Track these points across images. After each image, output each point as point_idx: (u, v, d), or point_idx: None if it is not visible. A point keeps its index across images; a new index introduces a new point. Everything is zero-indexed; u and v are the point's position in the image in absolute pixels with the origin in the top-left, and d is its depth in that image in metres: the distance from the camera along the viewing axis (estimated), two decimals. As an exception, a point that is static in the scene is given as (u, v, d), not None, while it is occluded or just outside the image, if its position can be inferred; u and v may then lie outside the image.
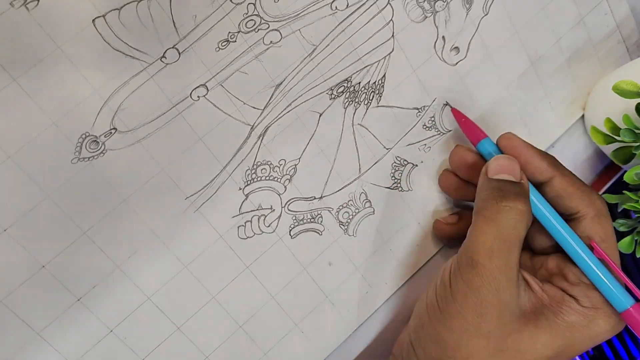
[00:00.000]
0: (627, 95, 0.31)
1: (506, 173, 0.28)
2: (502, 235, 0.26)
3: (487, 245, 0.26)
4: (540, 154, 0.29)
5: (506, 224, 0.26)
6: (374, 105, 0.32)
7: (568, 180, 0.29)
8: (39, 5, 0.24)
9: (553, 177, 0.29)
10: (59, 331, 0.27)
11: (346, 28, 0.31)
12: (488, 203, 0.27)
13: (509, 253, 0.26)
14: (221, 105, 0.29)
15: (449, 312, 0.27)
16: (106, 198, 0.27)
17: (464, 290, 0.26)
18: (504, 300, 0.26)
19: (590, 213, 0.28)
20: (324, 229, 0.32)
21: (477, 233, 0.27)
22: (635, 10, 0.39)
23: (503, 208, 0.27)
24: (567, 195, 0.28)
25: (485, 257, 0.26)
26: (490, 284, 0.26)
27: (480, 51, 0.34)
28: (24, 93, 0.25)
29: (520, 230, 0.27)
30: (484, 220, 0.27)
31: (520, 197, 0.27)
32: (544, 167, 0.29)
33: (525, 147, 0.29)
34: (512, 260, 0.26)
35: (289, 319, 0.32)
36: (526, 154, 0.29)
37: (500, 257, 0.26)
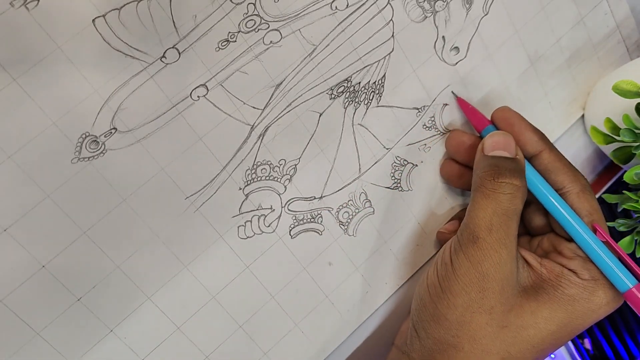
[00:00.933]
0: (627, 95, 0.31)
1: (501, 149, 0.29)
2: (500, 210, 0.27)
3: (487, 220, 0.27)
4: (531, 128, 0.30)
5: (503, 198, 0.27)
6: (374, 105, 0.32)
7: (555, 155, 0.30)
8: (39, 5, 0.24)
9: (542, 151, 0.30)
10: (59, 331, 0.27)
11: (346, 28, 0.31)
12: (485, 180, 0.28)
13: (507, 226, 0.27)
14: (221, 105, 0.29)
15: (451, 290, 0.27)
16: (106, 198, 0.27)
17: (466, 265, 0.27)
18: (505, 273, 0.27)
19: (576, 188, 0.29)
20: (324, 229, 0.32)
21: (476, 209, 0.28)
22: (635, 10, 0.39)
23: (500, 184, 0.27)
24: (555, 169, 0.29)
25: (486, 231, 0.27)
26: (492, 257, 0.26)
27: (480, 51, 0.34)
28: (24, 93, 0.25)
29: (518, 204, 0.28)
30: (482, 196, 0.28)
31: (515, 172, 0.28)
32: (534, 140, 0.30)
33: (518, 119, 0.31)
34: (511, 233, 0.27)
35: (289, 319, 0.32)
36: (519, 126, 0.30)
37: (500, 231, 0.27)
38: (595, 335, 0.44)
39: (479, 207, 0.28)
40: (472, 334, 0.27)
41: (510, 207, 0.27)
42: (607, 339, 0.44)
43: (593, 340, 0.44)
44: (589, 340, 0.44)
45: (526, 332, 0.27)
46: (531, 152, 0.30)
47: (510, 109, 0.31)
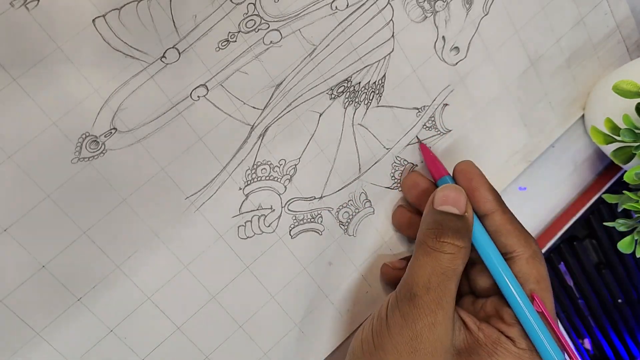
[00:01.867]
0: (627, 95, 0.31)
1: (450, 204, 0.28)
2: (439, 269, 0.26)
3: (425, 278, 0.26)
4: (488, 186, 0.29)
5: (444, 258, 0.26)
6: (374, 105, 0.32)
7: (508, 218, 0.29)
8: (39, 5, 0.24)
9: (495, 212, 0.29)
10: (59, 331, 0.27)
11: (346, 28, 0.31)
12: (428, 237, 0.27)
13: (445, 287, 0.26)
14: (221, 105, 0.29)
15: (383, 348, 0.26)
16: (106, 198, 0.27)
17: (400, 323, 0.26)
18: (439, 335, 0.26)
19: (526, 254, 0.28)
20: (324, 229, 0.32)
21: (416, 265, 0.27)
22: (635, 10, 0.39)
23: (441, 244, 0.27)
24: (506, 232, 0.29)
25: (423, 289, 0.26)
26: (427, 317, 0.26)
27: (480, 51, 0.34)
28: (24, 93, 0.25)
29: (458, 265, 0.27)
30: (423, 253, 0.27)
31: (459, 232, 0.27)
32: (489, 198, 0.29)
33: (477, 175, 0.30)
34: (449, 294, 0.26)
35: (289, 319, 0.32)
36: (476, 182, 0.29)
37: (437, 290, 0.26)
38: (595, 335, 0.44)
39: (419, 264, 0.27)
40: None
41: (450, 268, 0.26)
42: (607, 339, 0.44)
43: (593, 340, 0.44)
44: (589, 340, 0.44)
45: None
46: (484, 211, 0.29)
47: (472, 164, 0.30)
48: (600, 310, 0.43)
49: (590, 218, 0.40)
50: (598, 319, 0.43)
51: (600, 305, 0.43)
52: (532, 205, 0.39)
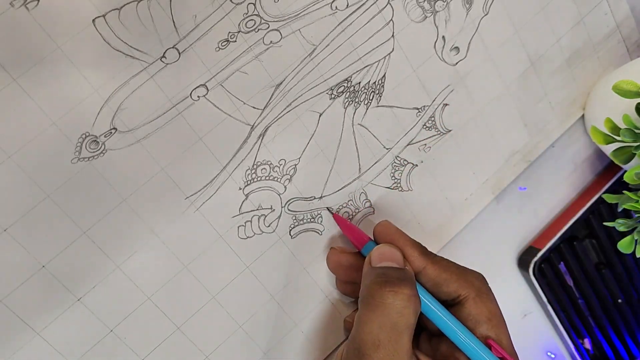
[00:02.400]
0: (627, 95, 0.31)
1: (389, 260, 0.27)
2: (388, 323, 0.25)
3: (373, 335, 0.24)
4: (411, 242, 0.29)
5: (392, 310, 0.25)
6: (374, 105, 0.32)
7: (440, 267, 0.28)
8: (39, 5, 0.24)
9: (425, 266, 0.28)
10: (59, 331, 0.27)
11: (346, 28, 0.30)
12: (372, 290, 0.26)
13: (396, 342, 0.24)
14: (221, 105, 0.29)
15: None
16: (106, 198, 0.27)
17: None
18: None
19: (471, 294, 0.27)
20: (324, 229, 0.32)
21: (362, 322, 0.25)
22: (635, 10, 0.39)
23: (387, 293, 0.25)
24: (443, 281, 0.28)
25: (372, 348, 0.24)
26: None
27: (480, 51, 0.34)
28: (24, 93, 0.25)
29: (409, 316, 0.25)
30: (368, 308, 0.25)
31: (404, 281, 0.26)
32: (415, 255, 0.28)
33: (398, 234, 0.29)
34: (401, 349, 0.24)
35: (289, 319, 0.32)
36: (399, 241, 0.29)
37: (388, 347, 0.24)
38: (595, 335, 0.44)
39: (365, 320, 0.25)
40: None
41: (401, 320, 0.25)
42: (607, 339, 0.44)
43: (593, 340, 0.44)
44: (589, 340, 0.44)
45: None
46: (415, 269, 0.28)
47: (390, 224, 0.30)
48: (600, 310, 0.43)
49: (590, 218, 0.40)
50: (598, 319, 0.43)
51: (600, 305, 0.43)
52: (532, 205, 0.39)
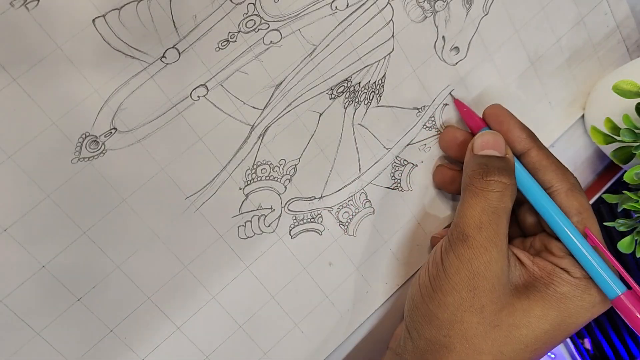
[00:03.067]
0: (627, 95, 0.31)
1: (491, 148, 0.29)
2: (489, 208, 0.27)
3: (476, 218, 0.27)
4: (520, 125, 0.30)
5: (492, 196, 0.27)
6: (374, 105, 0.32)
7: (544, 153, 0.30)
8: (39, 5, 0.24)
9: (530, 149, 0.30)
10: (59, 331, 0.27)
11: (346, 28, 0.31)
12: (474, 178, 0.28)
13: (497, 224, 0.27)
14: (221, 105, 0.29)
15: (442, 289, 0.27)
16: (106, 198, 0.27)
17: (456, 265, 0.27)
18: (496, 272, 0.27)
19: (564, 187, 0.29)
20: (324, 229, 0.32)
21: (465, 207, 0.28)
22: (635, 10, 0.39)
23: (488, 182, 0.27)
24: (542, 167, 0.29)
25: (475, 229, 0.27)
26: (482, 255, 0.26)
27: (480, 51, 0.34)
28: (24, 93, 0.25)
29: (507, 202, 0.27)
30: (471, 195, 0.28)
31: (504, 171, 0.28)
32: (523, 137, 0.30)
33: (507, 116, 0.30)
34: (501, 231, 0.27)
35: (289, 319, 0.32)
36: (507, 124, 0.30)
37: (489, 229, 0.27)
38: (595, 335, 0.44)
39: (468, 205, 0.27)
40: (463, 333, 0.27)
41: (500, 205, 0.27)
42: (607, 339, 0.44)
43: (593, 340, 0.44)
44: (589, 340, 0.44)
45: (518, 332, 0.27)
46: (519, 150, 0.30)
47: (500, 107, 0.31)
48: (600, 310, 0.43)
49: (590, 218, 0.40)
50: (598, 319, 0.43)
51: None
52: (532, 205, 0.39)
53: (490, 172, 0.28)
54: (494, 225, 0.27)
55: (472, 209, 0.27)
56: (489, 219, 0.27)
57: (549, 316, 0.27)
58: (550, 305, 0.27)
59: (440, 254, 0.28)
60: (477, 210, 0.27)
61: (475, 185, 0.28)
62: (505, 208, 0.27)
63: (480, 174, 0.28)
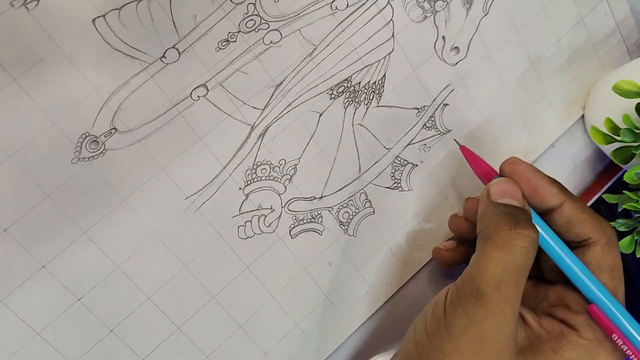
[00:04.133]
0: (627, 95, 0.31)
1: (510, 197, 0.27)
2: (513, 265, 0.24)
3: (496, 275, 0.24)
4: (549, 179, 0.28)
5: (519, 252, 0.24)
6: (374, 105, 0.32)
7: (579, 206, 0.27)
8: (39, 5, 0.24)
9: (563, 203, 0.27)
10: (59, 331, 0.27)
11: (346, 28, 0.30)
12: (499, 229, 0.25)
13: (517, 284, 0.24)
14: (221, 105, 0.29)
15: (442, 349, 0.24)
16: (106, 198, 0.27)
17: (463, 323, 0.24)
18: (506, 335, 0.24)
19: (602, 240, 0.27)
20: (324, 229, 0.32)
21: (485, 261, 0.25)
22: (635, 10, 0.39)
23: (517, 235, 0.25)
24: (579, 221, 0.27)
25: (493, 288, 0.24)
26: (496, 317, 0.24)
27: (480, 51, 0.34)
28: (24, 93, 0.25)
29: (531, 260, 0.25)
30: (494, 247, 0.25)
31: (532, 224, 0.26)
32: (554, 192, 0.28)
33: (533, 171, 0.28)
34: (519, 292, 0.25)
35: (289, 319, 0.32)
36: (535, 179, 0.28)
37: (509, 288, 0.24)
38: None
39: (489, 259, 0.24)
40: None
41: (524, 263, 0.25)
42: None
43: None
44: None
45: None
46: (552, 205, 0.28)
47: (520, 161, 0.29)
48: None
49: (590, 218, 0.40)
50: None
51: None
52: (532, 205, 0.39)
53: (520, 224, 0.25)
54: (514, 285, 0.24)
55: (493, 264, 0.24)
56: (510, 277, 0.24)
57: None
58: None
59: (444, 308, 0.25)
60: (499, 266, 0.24)
61: (500, 237, 0.25)
62: (528, 266, 0.25)
63: (507, 224, 0.25)
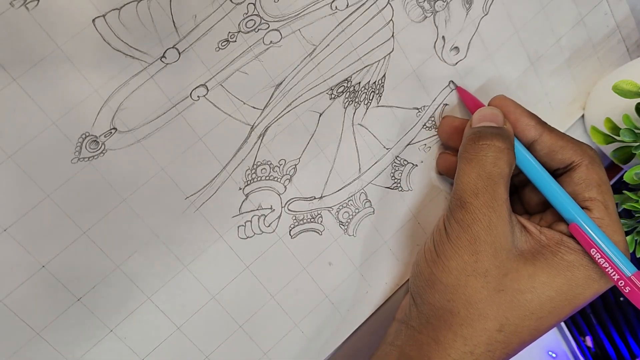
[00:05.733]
0: (627, 95, 0.31)
1: (488, 121, 0.29)
2: (484, 173, 0.27)
3: (472, 184, 0.27)
4: (527, 113, 0.30)
5: (486, 161, 0.27)
6: (374, 105, 0.32)
7: (557, 135, 0.29)
8: (39, 5, 0.24)
9: (542, 134, 0.29)
10: (59, 331, 0.27)
11: (346, 28, 0.30)
12: (467, 145, 0.28)
13: (493, 190, 0.27)
14: (221, 105, 0.29)
15: (445, 254, 0.28)
16: (106, 198, 0.27)
17: (457, 230, 0.27)
18: (497, 236, 0.27)
19: (585, 160, 0.29)
20: (324, 229, 0.32)
21: (461, 174, 0.28)
22: (635, 10, 0.39)
23: (481, 146, 0.28)
24: (559, 148, 0.29)
25: (472, 195, 0.27)
26: (481, 220, 0.27)
27: (480, 51, 0.34)
28: (24, 93, 0.25)
29: (503, 167, 0.27)
30: (465, 161, 0.28)
31: (497, 135, 0.28)
32: (532, 124, 0.30)
33: (514, 105, 0.30)
34: (499, 197, 0.27)
35: (289, 319, 0.32)
36: (515, 113, 0.30)
37: (486, 194, 0.27)
38: (597, 333, 0.44)
39: (463, 172, 0.28)
40: (467, 297, 0.27)
41: (494, 170, 0.27)
42: (609, 337, 0.44)
43: (594, 337, 0.44)
44: (590, 338, 0.44)
45: (523, 297, 0.27)
46: (532, 138, 0.30)
47: (506, 97, 0.31)
48: (602, 309, 0.43)
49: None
50: (600, 316, 0.43)
51: (602, 303, 0.43)
52: (532, 205, 0.39)
53: (483, 137, 0.28)
54: (490, 191, 0.27)
55: (467, 175, 0.27)
56: (484, 184, 0.27)
57: (555, 283, 0.27)
58: (556, 272, 0.27)
59: (444, 222, 0.29)
60: (472, 176, 0.27)
61: (468, 152, 0.28)
62: (501, 173, 0.27)
63: (474, 139, 0.28)
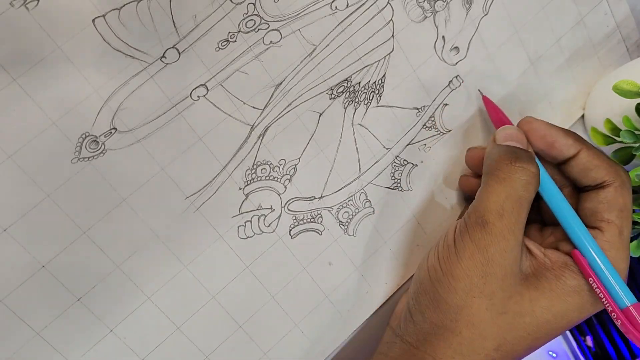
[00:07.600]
0: (627, 95, 0.31)
1: (514, 141, 0.29)
2: (514, 195, 0.27)
3: (499, 205, 0.27)
4: (564, 132, 0.30)
5: (519, 184, 0.27)
6: (374, 105, 0.32)
7: (594, 153, 0.29)
8: (39, 5, 0.24)
9: (580, 151, 0.29)
10: (59, 331, 0.27)
11: (346, 28, 0.30)
12: (501, 164, 0.28)
13: (519, 214, 0.27)
14: (221, 105, 0.29)
15: (452, 274, 0.27)
16: (106, 198, 0.27)
17: (471, 249, 0.27)
18: (510, 260, 0.27)
19: (616, 182, 0.29)
20: (324, 229, 0.32)
21: (489, 192, 0.27)
22: (635, 10, 0.39)
23: (517, 168, 0.27)
24: (594, 167, 0.29)
25: (496, 216, 0.27)
26: (500, 243, 0.26)
27: (480, 51, 0.34)
28: (24, 93, 0.25)
29: (531, 192, 0.27)
30: (496, 180, 0.27)
31: (532, 160, 0.28)
32: (570, 143, 0.29)
33: (547, 127, 0.30)
34: (521, 221, 0.27)
35: (289, 319, 0.32)
36: (551, 134, 0.30)
37: (511, 217, 0.27)
38: (597, 333, 0.44)
39: (492, 191, 0.27)
40: (470, 318, 0.27)
41: (524, 195, 0.27)
42: (609, 337, 0.44)
43: (595, 337, 0.44)
44: (591, 338, 0.44)
45: (522, 320, 0.27)
46: (569, 155, 0.29)
47: (535, 119, 0.31)
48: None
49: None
50: (600, 316, 0.43)
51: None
52: (532, 205, 0.39)
53: (520, 159, 0.27)
54: (515, 214, 0.27)
55: (496, 194, 0.27)
56: (511, 206, 0.27)
57: (555, 308, 0.27)
58: (558, 298, 0.27)
59: (454, 237, 0.28)
60: (501, 196, 0.27)
61: (501, 170, 0.27)
62: (529, 198, 0.27)
63: (508, 159, 0.28)
